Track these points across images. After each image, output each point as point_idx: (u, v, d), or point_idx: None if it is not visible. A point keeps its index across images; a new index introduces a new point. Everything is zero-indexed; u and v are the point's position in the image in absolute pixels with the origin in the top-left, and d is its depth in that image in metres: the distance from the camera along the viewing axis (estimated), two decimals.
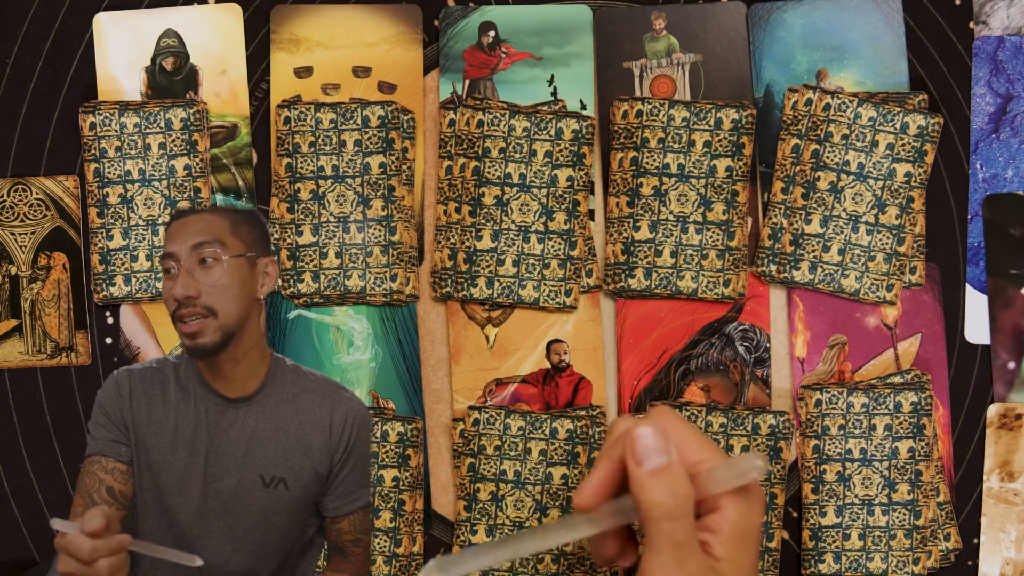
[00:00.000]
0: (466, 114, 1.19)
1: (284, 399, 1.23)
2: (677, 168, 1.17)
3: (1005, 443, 1.18)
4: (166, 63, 1.24)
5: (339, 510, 1.24)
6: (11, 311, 1.27)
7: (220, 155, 1.25)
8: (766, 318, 1.19)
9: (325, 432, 1.23)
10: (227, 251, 1.20)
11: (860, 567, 1.16)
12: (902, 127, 1.17)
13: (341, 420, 1.22)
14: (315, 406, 1.23)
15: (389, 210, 1.20)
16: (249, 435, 1.23)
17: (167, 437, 1.23)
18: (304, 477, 1.23)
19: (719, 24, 1.20)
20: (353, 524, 1.24)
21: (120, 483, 1.21)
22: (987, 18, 1.20)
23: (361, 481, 1.24)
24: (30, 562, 1.27)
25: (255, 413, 1.23)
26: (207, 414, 1.23)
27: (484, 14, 1.21)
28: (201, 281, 1.19)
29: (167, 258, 1.20)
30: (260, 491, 1.23)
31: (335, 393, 1.24)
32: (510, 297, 1.18)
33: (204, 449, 1.22)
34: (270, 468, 1.22)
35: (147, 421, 1.22)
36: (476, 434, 1.18)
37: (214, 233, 1.21)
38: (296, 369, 1.25)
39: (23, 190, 1.26)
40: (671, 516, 0.59)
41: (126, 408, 1.22)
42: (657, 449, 0.61)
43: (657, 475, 0.60)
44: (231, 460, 1.22)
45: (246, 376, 1.23)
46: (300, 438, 1.23)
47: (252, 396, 1.23)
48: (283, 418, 1.23)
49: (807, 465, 1.17)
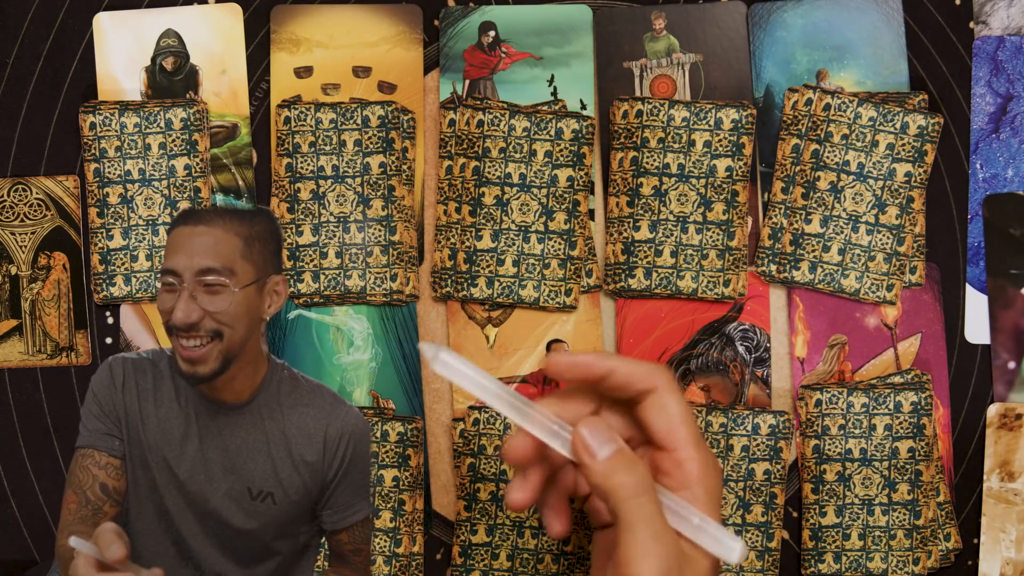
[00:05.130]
0: (466, 114, 1.19)
1: (278, 411, 1.19)
2: (677, 168, 1.17)
3: (1005, 443, 1.18)
4: (166, 63, 1.24)
5: (337, 524, 1.21)
6: (11, 311, 1.27)
7: (220, 155, 1.25)
8: (766, 318, 1.19)
9: (319, 448, 1.19)
10: (237, 281, 1.14)
11: (860, 567, 1.16)
12: (902, 127, 1.17)
13: (336, 435, 1.19)
14: (309, 420, 1.19)
15: (389, 210, 1.20)
16: (239, 445, 1.19)
17: (156, 436, 1.20)
18: (293, 493, 1.19)
19: (719, 24, 1.20)
20: (352, 536, 1.22)
21: (114, 479, 1.20)
22: (987, 18, 1.20)
23: (360, 494, 1.20)
24: (30, 562, 1.27)
25: (246, 423, 1.19)
26: (197, 418, 1.19)
27: (484, 14, 1.21)
28: (205, 307, 1.13)
29: (168, 273, 1.14)
30: (247, 503, 1.19)
31: (331, 407, 1.20)
32: (510, 297, 1.18)
33: (192, 453, 1.19)
34: (258, 482, 1.19)
35: (138, 415, 1.19)
36: (476, 434, 1.18)
37: (224, 258, 1.15)
38: (293, 378, 1.21)
39: (23, 190, 1.26)
40: (636, 492, 0.62)
41: (119, 400, 1.19)
42: (607, 438, 0.63)
43: (612, 460, 0.62)
44: (218, 468, 1.19)
45: (239, 389, 1.19)
46: (291, 453, 1.19)
47: (245, 404, 1.19)
48: (274, 431, 1.19)
49: (807, 465, 1.17)
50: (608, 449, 0.63)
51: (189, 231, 1.16)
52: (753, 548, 1.16)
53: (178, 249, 1.15)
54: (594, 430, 0.63)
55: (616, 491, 0.62)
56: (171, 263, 1.14)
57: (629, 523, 0.61)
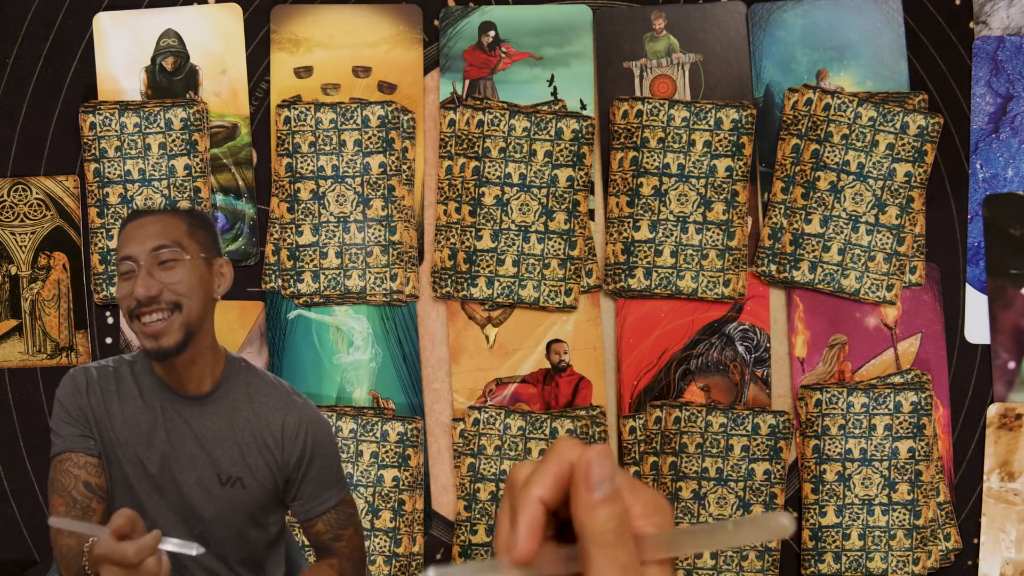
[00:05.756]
0: (466, 114, 1.19)
1: (240, 399, 1.25)
2: (677, 168, 1.17)
3: (1005, 443, 1.18)
4: (166, 63, 1.24)
5: (310, 512, 1.25)
6: (11, 311, 1.27)
7: (220, 155, 1.25)
8: (766, 318, 1.19)
9: (278, 435, 1.24)
10: (186, 252, 1.21)
11: (860, 567, 1.16)
12: (902, 127, 1.17)
13: (294, 425, 1.24)
14: (269, 409, 1.24)
15: (389, 210, 1.19)
16: (205, 433, 1.24)
17: (124, 433, 1.24)
18: (260, 476, 1.24)
19: (719, 24, 1.20)
20: (328, 524, 1.25)
21: (95, 477, 1.22)
22: (987, 18, 1.20)
23: (328, 482, 1.25)
24: (30, 562, 1.27)
25: (211, 412, 1.24)
26: (163, 412, 1.24)
27: (484, 14, 1.21)
28: (162, 281, 1.20)
29: (125, 260, 1.20)
30: (217, 489, 1.24)
31: (287, 398, 1.25)
32: (510, 297, 1.18)
33: (162, 446, 1.23)
34: (226, 467, 1.23)
35: (106, 416, 1.23)
36: (476, 434, 1.18)
37: (172, 235, 1.21)
38: (251, 370, 1.26)
39: (23, 190, 1.26)
40: (617, 542, 0.61)
41: (85, 404, 1.23)
42: (610, 476, 0.63)
43: (608, 502, 0.62)
44: (187, 458, 1.24)
45: (200, 376, 1.24)
46: (256, 437, 1.24)
47: (208, 395, 1.24)
48: (239, 417, 1.24)
49: (807, 465, 1.17)
50: (604, 491, 0.62)
51: (137, 224, 1.23)
52: (753, 548, 1.16)
53: (130, 239, 1.22)
54: (601, 466, 0.63)
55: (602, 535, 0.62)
56: (126, 251, 1.21)
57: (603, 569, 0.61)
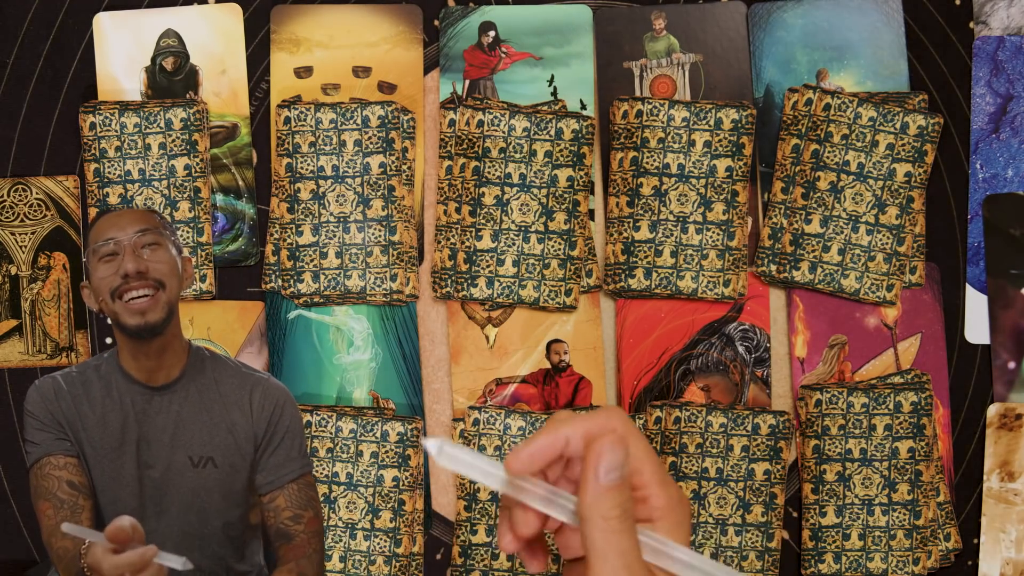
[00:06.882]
0: (466, 114, 1.19)
1: (207, 383, 1.30)
2: (677, 168, 1.17)
3: (1005, 443, 1.18)
4: (166, 63, 1.24)
5: (272, 484, 1.28)
6: (11, 311, 1.27)
7: (220, 155, 1.25)
8: (766, 318, 1.19)
9: (247, 411, 1.28)
10: (165, 238, 1.28)
11: (860, 567, 1.15)
12: (902, 127, 1.17)
13: (260, 398, 1.29)
14: (234, 388, 1.29)
15: (389, 210, 1.19)
16: (175, 420, 1.29)
17: (97, 432, 1.27)
18: (231, 455, 1.29)
19: (719, 24, 1.20)
20: (289, 499, 1.28)
21: (77, 475, 1.25)
22: (987, 18, 1.20)
23: (291, 455, 1.28)
24: (30, 562, 1.27)
25: (179, 399, 1.29)
26: (133, 405, 1.28)
27: (484, 14, 1.21)
28: (147, 260, 1.26)
29: (107, 243, 1.25)
30: (190, 472, 1.28)
31: (251, 375, 1.31)
32: (510, 297, 1.18)
33: (135, 439, 1.28)
34: (197, 448, 1.27)
35: (77, 418, 1.27)
36: (476, 434, 1.18)
37: (151, 223, 1.27)
38: (215, 357, 1.32)
39: (23, 190, 1.26)
40: (619, 528, 0.62)
41: (56, 409, 1.27)
42: (619, 465, 0.63)
43: (612, 489, 0.63)
44: (160, 446, 1.29)
45: (171, 363, 1.29)
46: (224, 417, 1.29)
47: (175, 383, 1.30)
48: (207, 400, 1.29)
49: (807, 465, 1.17)
50: (611, 478, 0.63)
51: (115, 214, 1.28)
52: (753, 548, 1.16)
53: (111, 225, 1.26)
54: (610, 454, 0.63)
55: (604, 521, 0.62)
56: (109, 235, 1.25)
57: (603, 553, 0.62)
